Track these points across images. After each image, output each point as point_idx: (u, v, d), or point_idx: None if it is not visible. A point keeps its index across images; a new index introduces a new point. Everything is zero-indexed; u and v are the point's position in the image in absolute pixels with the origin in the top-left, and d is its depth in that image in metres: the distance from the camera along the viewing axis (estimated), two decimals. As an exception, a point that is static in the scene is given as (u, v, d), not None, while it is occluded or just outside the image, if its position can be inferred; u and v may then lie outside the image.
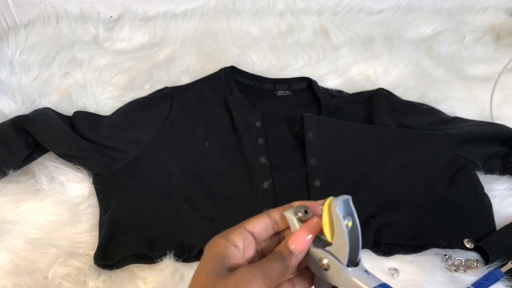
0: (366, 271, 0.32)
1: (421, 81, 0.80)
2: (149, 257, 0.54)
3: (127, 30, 0.90)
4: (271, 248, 0.34)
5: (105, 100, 0.76)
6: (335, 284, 0.32)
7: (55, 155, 0.63)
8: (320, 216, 0.31)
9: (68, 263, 0.54)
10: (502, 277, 0.53)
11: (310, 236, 0.32)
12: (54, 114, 0.66)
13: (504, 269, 0.53)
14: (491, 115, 0.72)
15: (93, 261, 0.54)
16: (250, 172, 0.62)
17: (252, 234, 0.33)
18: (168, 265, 0.53)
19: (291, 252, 0.32)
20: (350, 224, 0.31)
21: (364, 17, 0.95)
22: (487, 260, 0.54)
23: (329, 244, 0.32)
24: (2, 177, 0.61)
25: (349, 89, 0.78)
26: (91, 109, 0.73)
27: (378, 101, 0.71)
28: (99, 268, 0.54)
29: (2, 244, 0.55)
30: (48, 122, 0.63)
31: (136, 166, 0.63)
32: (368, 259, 0.54)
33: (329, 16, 0.94)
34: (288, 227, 0.34)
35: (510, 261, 0.53)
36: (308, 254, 0.33)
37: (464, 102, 0.76)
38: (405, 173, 0.61)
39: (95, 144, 0.63)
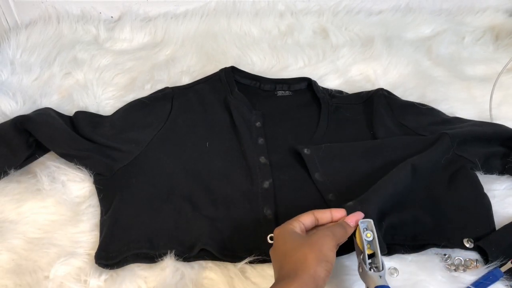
0: (382, 277, 0.46)
1: (420, 82, 0.80)
2: (150, 256, 0.54)
3: (128, 31, 0.91)
4: None
5: (106, 100, 0.76)
6: (364, 282, 0.47)
7: (56, 155, 0.64)
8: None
9: (69, 262, 0.54)
10: (502, 276, 0.53)
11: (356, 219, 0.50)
12: (55, 114, 0.66)
13: (503, 268, 0.53)
14: (491, 115, 0.72)
15: (94, 260, 0.54)
16: (250, 172, 0.62)
17: (304, 224, 0.49)
18: (169, 264, 0.53)
19: (347, 224, 0.49)
20: (369, 235, 0.47)
21: (364, 17, 0.95)
22: (486, 260, 0.55)
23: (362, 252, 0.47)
24: (3, 177, 0.61)
25: (349, 89, 0.78)
26: (92, 109, 0.73)
27: (377, 101, 0.71)
28: (100, 268, 0.54)
29: (3, 244, 0.55)
30: (49, 122, 0.63)
31: (136, 166, 0.63)
32: (368, 259, 0.55)
33: (328, 16, 0.94)
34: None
35: (510, 261, 0.53)
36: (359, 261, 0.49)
37: (463, 102, 0.76)
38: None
39: (96, 144, 0.64)
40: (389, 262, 0.55)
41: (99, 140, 0.64)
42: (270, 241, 0.55)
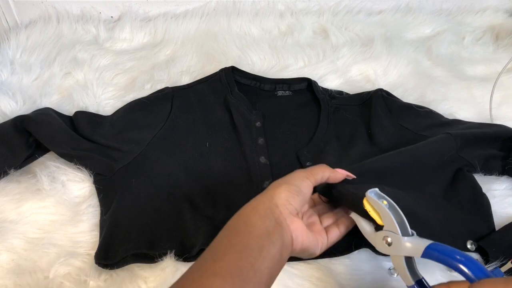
0: (419, 238, 0.40)
1: (420, 82, 0.80)
2: (150, 256, 0.54)
3: (128, 31, 0.91)
4: None
5: (106, 100, 0.76)
6: (400, 253, 0.41)
7: (56, 155, 0.64)
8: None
9: (69, 262, 0.54)
10: (502, 276, 0.53)
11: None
12: (55, 114, 0.66)
13: (503, 268, 0.53)
14: (491, 115, 0.72)
15: (94, 260, 0.54)
16: (250, 172, 0.62)
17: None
18: (169, 264, 0.53)
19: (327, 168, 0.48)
20: (385, 202, 0.42)
21: (364, 17, 0.95)
22: (486, 260, 0.55)
23: (382, 227, 0.42)
24: (3, 176, 0.61)
25: (349, 89, 0.78)
26: (92, 109, 0.73)
27: (375, 102, 0.71)
28: (100, 268, 0.54)
29: (3, 244, 0.55)
30: (49, 122, 0.63)
31: (136, 166, 0.63)
32: (368, 259, 0.54)
33: (329, 16, 0.94)
34: None
35: (510, 261, 0.53)
36: (375, 241, 0.43)
37: (463, 103, 0.76)
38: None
39: (96, 144, 0.64)
40: (389, 262, 0.55)
41: (99, 140, 0.64)
42: None
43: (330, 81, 0.80)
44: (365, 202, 0.43)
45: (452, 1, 0.97)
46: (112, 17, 0.95)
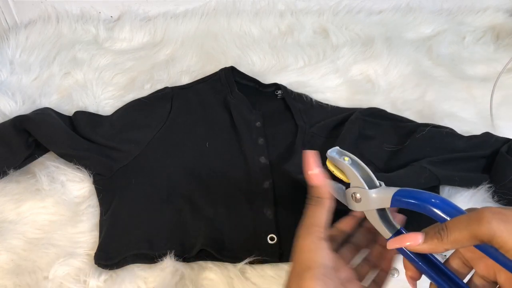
0: (387, 187, 0.38)
1: (420, 81, 0.80)
2: (150, 257, 0.54)
3: (128, 30, 0.91)
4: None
5: (105, 100, 0.76)
6: (370, 207, 0.38)
7: (55, 155, 0.63)
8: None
9: (69, 263, 0.54)
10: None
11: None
12: (54, 114, 0.66)
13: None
14: (491, 115, 0.72)
15: (93, 261, 0.54)
16: (250, 172, 0.62)
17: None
18: (169, 265, 0.53)
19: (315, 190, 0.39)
20: (347, 159, 0.39)
21: (364, 17, 0.95)
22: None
23: (349, 184, 0.39)
24: (3, 177, 0.61)
25: (349, 89, 0.78)
26: (92, 109, 0.73)
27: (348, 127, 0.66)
28: (99, 268, 0.54)
29: (2, 244, 0.55)
30: (49, 122, 0.63)
31: (136, 166, 0.63)
32: (368, 259, 0.54)
33: (329, 16, 0.94)
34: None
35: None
36: (346, 200, 0.40)
37: (463, 102, 0.76)
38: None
39: (96, 144, 0.63)
40: (389, 262, 0.55)
41: (99, 140, 0.64)
42: (270, 241, 0.55)
43: (330, 81, 0.80)
44: (327, 163, 0.41)
45: (453, 1, 0.97)
46: (111, 16, 0.95)
